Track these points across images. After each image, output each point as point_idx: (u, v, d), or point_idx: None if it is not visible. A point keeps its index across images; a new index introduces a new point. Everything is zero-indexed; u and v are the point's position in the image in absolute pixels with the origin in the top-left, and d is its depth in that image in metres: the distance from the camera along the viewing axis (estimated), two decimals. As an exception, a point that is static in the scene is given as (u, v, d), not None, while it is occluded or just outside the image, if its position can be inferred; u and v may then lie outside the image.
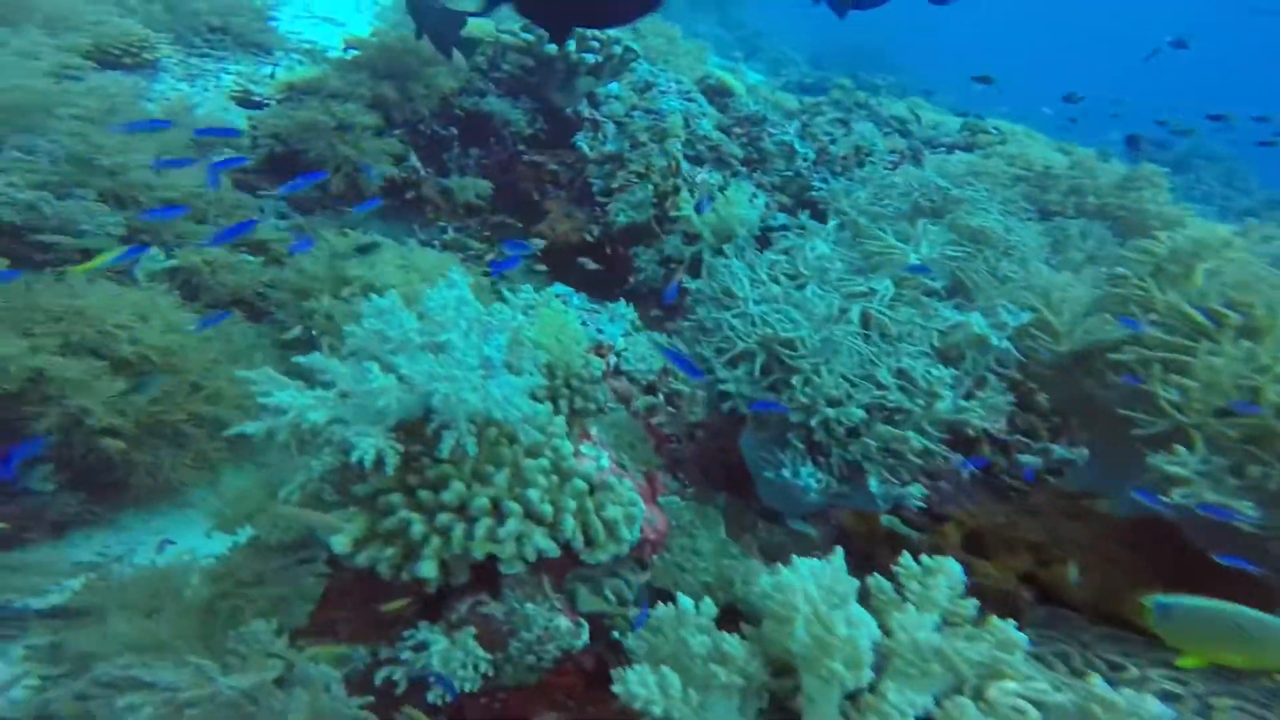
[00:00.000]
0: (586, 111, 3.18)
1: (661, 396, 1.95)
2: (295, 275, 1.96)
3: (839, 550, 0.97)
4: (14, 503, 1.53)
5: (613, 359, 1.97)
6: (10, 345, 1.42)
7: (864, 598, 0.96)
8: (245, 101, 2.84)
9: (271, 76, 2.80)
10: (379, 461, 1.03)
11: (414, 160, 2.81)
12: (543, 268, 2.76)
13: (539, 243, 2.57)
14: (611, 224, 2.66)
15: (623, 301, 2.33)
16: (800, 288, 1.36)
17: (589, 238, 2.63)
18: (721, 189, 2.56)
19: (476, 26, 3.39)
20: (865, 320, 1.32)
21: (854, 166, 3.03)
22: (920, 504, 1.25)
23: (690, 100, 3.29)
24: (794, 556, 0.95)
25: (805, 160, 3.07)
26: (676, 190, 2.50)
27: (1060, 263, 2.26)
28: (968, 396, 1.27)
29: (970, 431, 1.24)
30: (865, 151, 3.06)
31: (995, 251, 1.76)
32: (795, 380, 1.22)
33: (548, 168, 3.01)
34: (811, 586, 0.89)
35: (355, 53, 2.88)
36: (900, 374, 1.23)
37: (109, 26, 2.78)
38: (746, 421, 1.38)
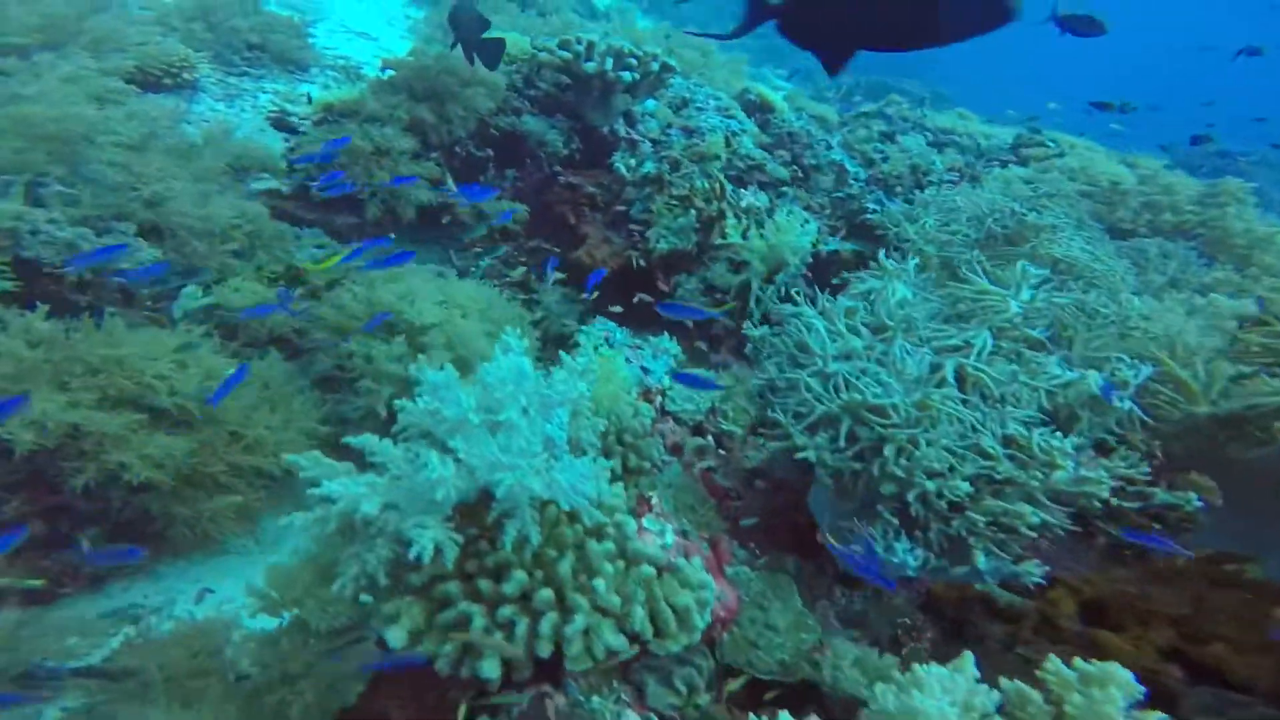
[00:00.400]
0: (623, 130, 3.09)
1: (711, 438, 1.83)
2: (333, 313, 1.89)
3: (968, 656, 0.85)
4: (50, 557, 1.48)
5: (658, 400, 1.87)
6: (48, 400, 1.36)
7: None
8: (280, 124, 2.80)
9: (309, 100, 2.76)
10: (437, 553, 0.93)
11: (449, 183, 2.74)
12: (570, 289, 2.67)
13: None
14: (651, 250, 2.54)
15: (665, 335, 2.22)
16: (884, 339, 1.23)
17: (635, 264, 2.51)
18: (769, 213, 2.43)
19: (512, 43, 3.33)
20: (960, 378, 1.19)
21: (911, 187, 2.86)
22: (1040, 580, 1.11)
23: (729, 117, 3.17)
24: (918, 668, 0.83)
25: (856, 180, 2.91)
26: (722, 215, 2.38)
27: (1140, 287, 2.09)
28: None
29: (1096, 504, 1.10)
30: (922, 170, 2.87)
31: (1081, 284, 1.61)
32: (888, 450, 1.10)
33: (584, 190, 2.92)
34: (948, 709, 0.77)
35: (391, 73, 2.82)
36: (1008, 441, 1.10)
37: (151, 48, 2.77)
38: (814, 476, 1.27)
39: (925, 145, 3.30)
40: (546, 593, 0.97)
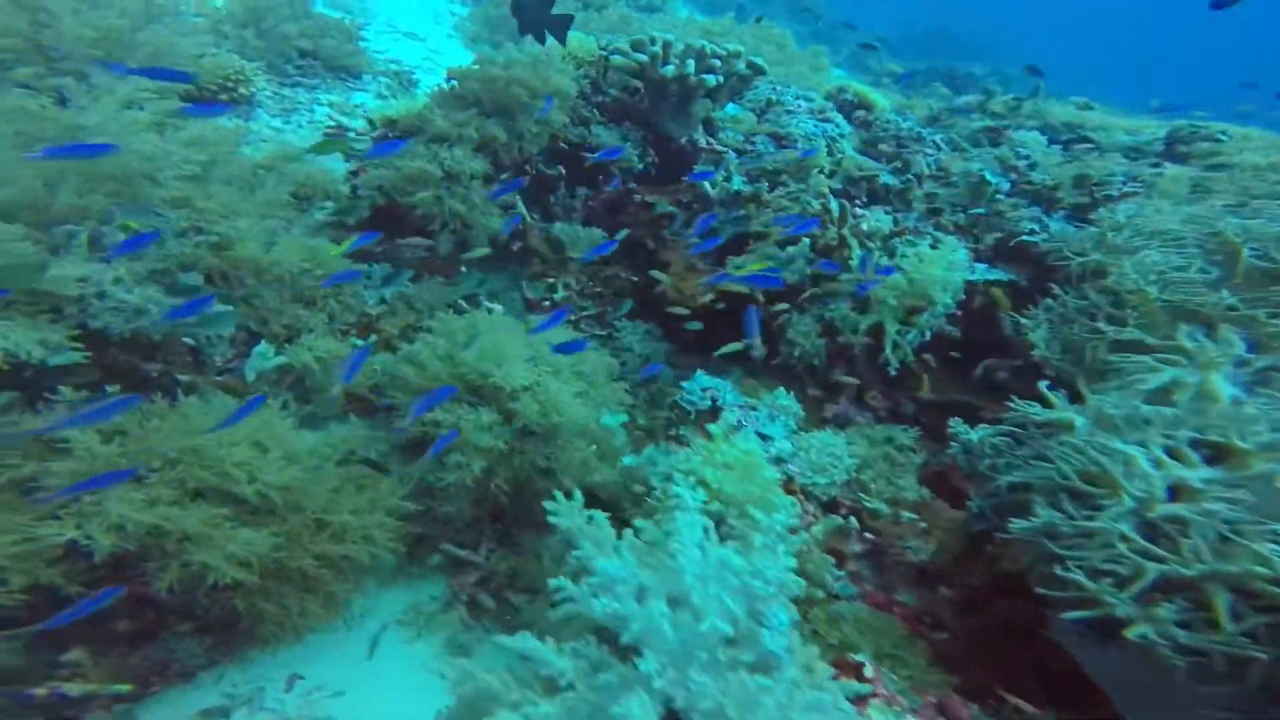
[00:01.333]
0: (703, 140, 2.83)
1: (852, 517, 1.59)
2: (414, 373, 1.73)
3: None
4: (137, 654, 1.37)
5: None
6: (126, 502, 1.23)
7: None
8: (335, 141, 2.63)
9: (372, 124, 2.57)
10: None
11: (520, 206, 2.54)
12: (653, 325, 2.46)
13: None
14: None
15: (782, 391, 1.96)
16: (1233, 468, 0.92)
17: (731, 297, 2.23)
18: (896, 237, 2.12)
19: (577, 44, 3.08)
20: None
21: (1082, 203, 2.37)
22: None
23: (825, 119, 2.86)
24: None
25: (999, 194, 2.48)
26: (843, 243, 2.09)
27: None
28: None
29: None
30: (1093, 182, 2.34)
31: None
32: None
33: (663, 210, 2.69)
34: None
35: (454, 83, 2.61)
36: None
37: (207, 61, 2.62)
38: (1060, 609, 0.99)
39: (1039, 141, 2.92)
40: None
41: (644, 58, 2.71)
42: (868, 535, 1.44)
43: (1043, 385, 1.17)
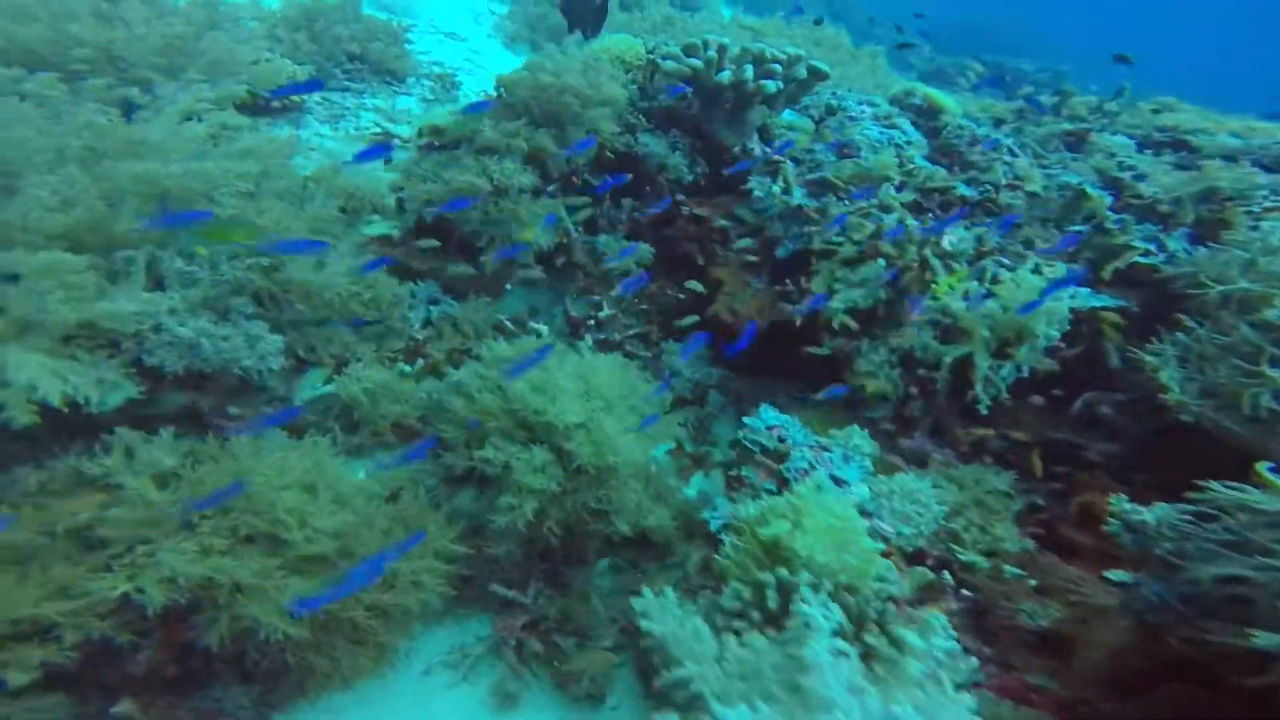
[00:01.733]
0: (758, 149, 2.69)
1: (944, 572, 1.44)
2: (463, 405, 1.67)
3: None
4: (183, 706, 1.35)
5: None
6: (178, 553, 1.20)
7: None
8: (383, 149, 2.57)
9: (414, 134, 2.50)
10: None
11: (565, 218, 2.45)
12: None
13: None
14: (825, 310, 2.04)
15: (856, 429, 1.80)
16: None
17: (794, 321, 2.07)
18: (981, 258, 1.94)
19: (623, 47, 2.96)
20: None
21: (1201, 216, 2.11)
22: None
23: (890, 126, 2.69)
24: None
25: (1105, 210, 2.19)
26: (924, 265, 1.91)
27: None
28: None
29: None
30: (1224, 195, 2.05)
31: None
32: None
33: (714, 223, 2.57)
34: None
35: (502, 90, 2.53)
36: None
37: (262, 68, 2.60)
38: None
39: (1128, 144, 2.68)
40: None
41: (698, 63, 2.58)
42: (965, 592, 1.30)
43: (1263, 467, 1.01)
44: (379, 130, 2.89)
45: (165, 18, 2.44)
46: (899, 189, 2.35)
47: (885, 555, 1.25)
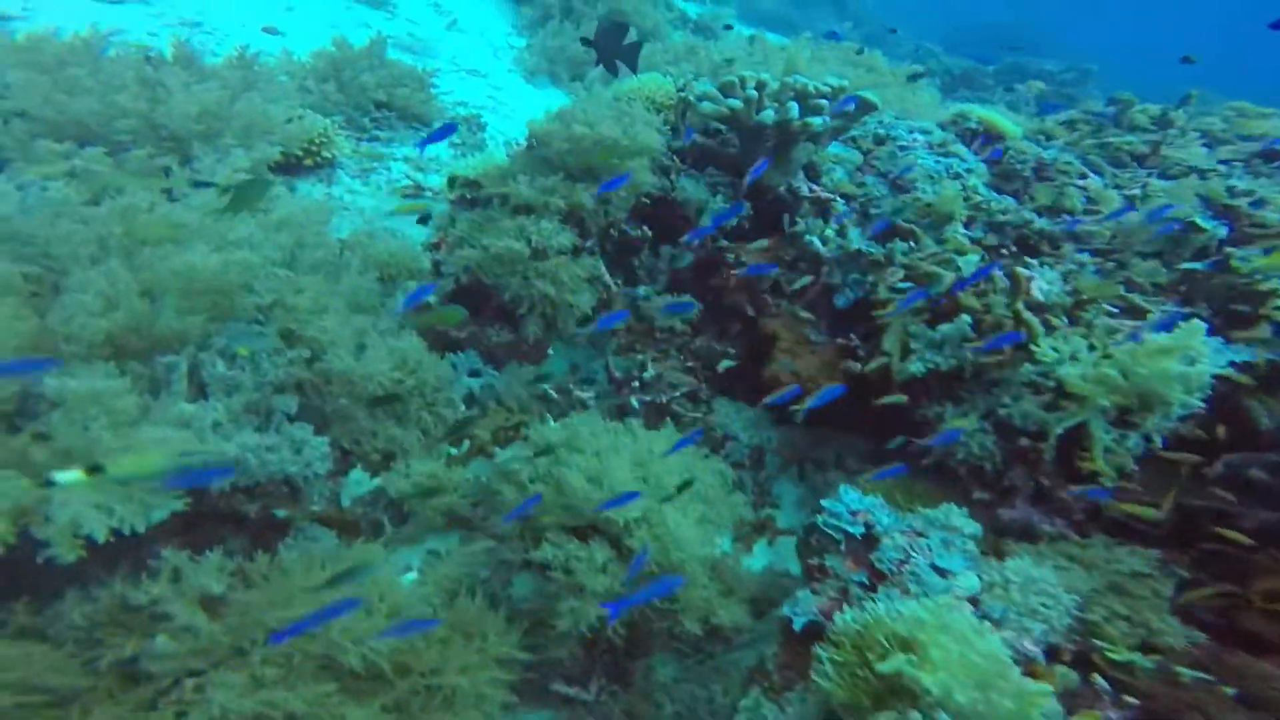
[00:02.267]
0: (805, 188, 2.58)
1: (1096, 676, 1.20)
2: (514, 493, 1.59)
3: None
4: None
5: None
6: (228, 688, 1.13)
7: None
8: (423, 215, 2.52)
9: (451, 183, 2.44)
10: None
11: (605, 275, 2.37)
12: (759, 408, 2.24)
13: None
14: (899, 370, 1.89)
15: (953, 508, 1.55)
16: None
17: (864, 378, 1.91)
18: (1081, 306, 1.73)
19: (653, 85, 2.88)
20: None
21: None
22: None
23: (947, 154, 2.54)
24: None
25: (1215, 243, 1.96)
26: (1018, 320, 1.74)
27: None
28: None
29: None
30: None
31: None
32: None
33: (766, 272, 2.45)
34: None
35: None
36: None
37: (295, 127, 2.58)
38: None
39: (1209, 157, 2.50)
40: None
41: (737, 103, 2.47)
42: (1128, 699, 1.12)
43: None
44: (409, 182, 2.85)
45: (205, 82, 2.43)
46: (966, 225, 2.21)
47: (1034, 675, 1.09)
